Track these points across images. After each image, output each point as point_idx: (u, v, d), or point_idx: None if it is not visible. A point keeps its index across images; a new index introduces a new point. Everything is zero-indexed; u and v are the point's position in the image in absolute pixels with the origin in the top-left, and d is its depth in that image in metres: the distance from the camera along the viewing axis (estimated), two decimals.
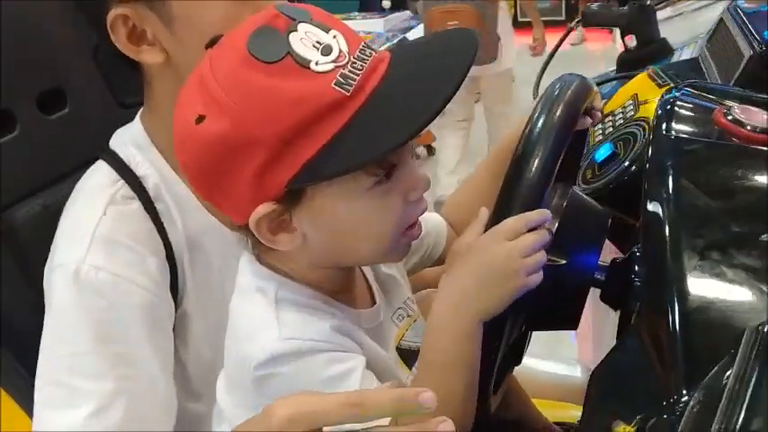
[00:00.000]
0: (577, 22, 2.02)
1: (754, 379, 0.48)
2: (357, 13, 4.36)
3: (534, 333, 0.93)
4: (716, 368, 0.54)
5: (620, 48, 1.89)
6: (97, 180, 0.92)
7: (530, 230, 0.72)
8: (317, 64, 0.64)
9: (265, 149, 0.63)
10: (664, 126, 0.79)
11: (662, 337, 0.61)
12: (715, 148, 0.78)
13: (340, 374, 0.69)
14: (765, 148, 0.75)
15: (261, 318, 0.71)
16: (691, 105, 0.87)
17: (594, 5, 1.96)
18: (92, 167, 0.94)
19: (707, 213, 0.70)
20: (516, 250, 0.70)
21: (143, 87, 0.95)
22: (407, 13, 4.47)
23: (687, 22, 2.34)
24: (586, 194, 1.14)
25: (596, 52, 5.24)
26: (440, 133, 4.02)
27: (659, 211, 0.70)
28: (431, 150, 4.76)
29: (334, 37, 0.66)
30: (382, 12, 4.66)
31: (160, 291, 0.88)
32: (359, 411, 0.52)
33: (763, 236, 0.66)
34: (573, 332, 2.20)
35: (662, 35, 1.81)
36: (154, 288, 0.87)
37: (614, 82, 1.70)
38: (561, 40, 2.12)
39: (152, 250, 0.88)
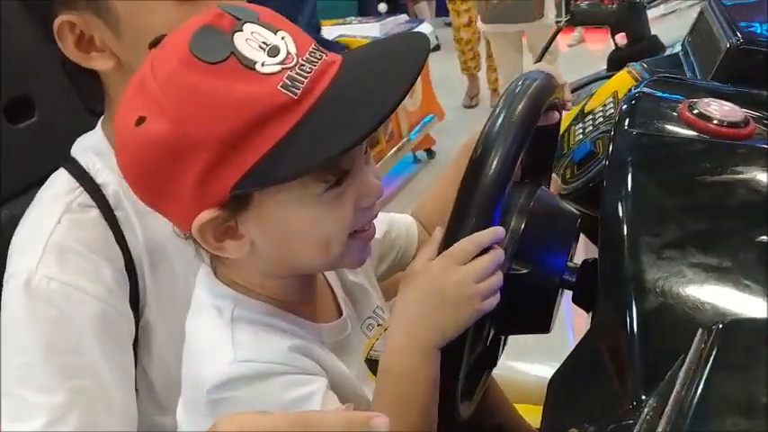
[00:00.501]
0: (566, 20, 2.00)
1: (701, 384, 0.45)
2: (354, 18, 4.35)
3: (533, 337, 0.90)
4: (670, 372, 0.52)
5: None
6: (55, 188, 0.90)
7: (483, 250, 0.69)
8: (262, 65, 0.61)
9: (208, 153, 0.61)
10: (626, 121, 0.77)
11: (619, 339, 0.59)
12: (677, 144, 0.75)
13: (299, 399, 0.66)
14: (730, 142, 0.72)
15: (215, 338, 0.69)
16: (656, 99, 0.84)
17: (584, 4, 1.93)
18: (52, 175, 0.93)
19: (666, 211, 0.67)
20: (469, 275, 0.68)
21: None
22: (404, 16, 4.47)
23: (681, 20, 2.31)
24: (566, 194, 1.12)
25: (596, 53, 5.21)
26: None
27: (617, 208, 0.68)
28: (431, 154, 4.74)
29: (282, 38, 0.64)
30: (378, 16, 4.65)
31: (115, 300, 0.86)
32: None
33: (734, 234, 0.64)
34: (571, 334, 2.18)
35: (656, 33, 1.79)
36: (108, 297, 0.85)
37: (604, 81, 1.68)
38: (551, 39, 2.09)
39: (108, 259, 0.87)
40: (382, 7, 5.05)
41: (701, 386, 0.45)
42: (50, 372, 0.80)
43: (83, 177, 0.90)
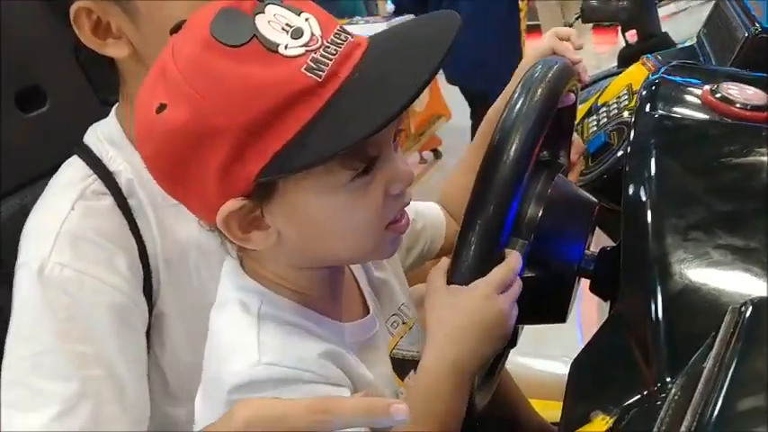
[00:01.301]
0: (576, 17, 1.99)
1: (734, 362, 0.44)
2: (360, 18, 4.32)
3: (543, 332, 0.89)
4: (697, 353, 0.51)
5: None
6: (68, 175, 0.90)
7: None
8: (285, 48, 0.59)
9: (230, 140, 0.59)
10: (648, 106, 0.76)
11: (644, 322, 0.58)
12: (701, 127, 0.74)
13: None
14: (754, 125, 0.71)
15: (240, 337, 0.67)
16: (677, 84, 0.83)
17: (594, 1, 1.92)
18: (65, 162, 0.92)
19: (691, 192, 0.66)
20: (508, 304, 0.70)
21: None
22: (411, 17, 4.45)
23: (693, 17, 2.30)
24: (580, 185, 1.11)
25: (603, 55, 5.21)
26: None
27: (641, 191, 0.67)
28: (437, 154, 4.73)
29: (306, 20, 0.62)
30: (386, 16, 4.63)
31: (129, 290, 0.85)
32: (326, 418, 0.50)
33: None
34: (579, 331, 2.16)
35: (666, 30, 1.77)
36: (122, 286, 0.84)
37: (615, 77, 1.67)
38: None
39: (122, 248, 0.86)
40: (390, 7, 5.02)
41: (734, 363, 0.44)
42: (64, 360, 0.79)
43: (96, 165, 0.89)
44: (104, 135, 0.93)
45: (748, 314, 0.47)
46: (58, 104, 1.07)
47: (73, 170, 0.90)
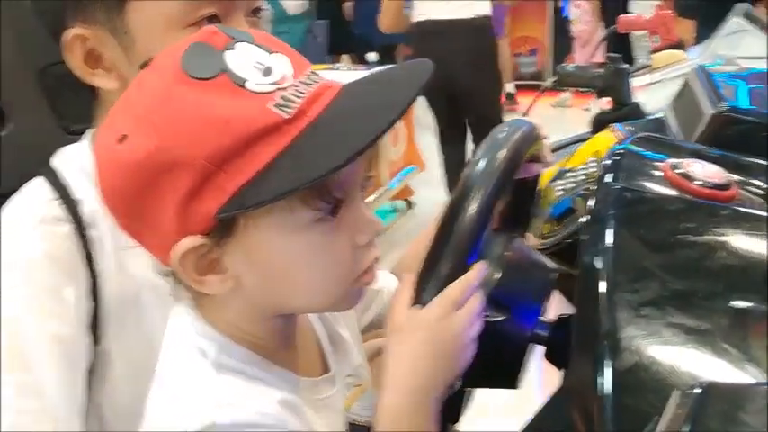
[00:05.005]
0: (553, 82, 2.02)
1: None
2: (343, 65, 4.37)
3: (499, 393, 0.86)
4: None
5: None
6: (30, 197, 0.87)
7: None
8: (255, 84, 0.59)
9: (192, 174, 0.58)
10: (610, 176, 0.76)
11: (590, 398, 0.57)
12: (660, 201, 0.74)
13: None
14: (713, 203, 0.72)
15: (197, 381, 0.64)
16: (641, 157, 0.83)
17: (570, 66, 1.95)
18: (30, 183, 0.89)
19: (646, 267, 0.65)
20: (465, 322, 0.66)
21: (91, 113, 0.91)
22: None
23: (667, 90, 2.34)
24: (543, 249, 1.11)
25: (579, 116, 5.30)
26: None
27: (596, 262, 0.66)
28: (410, 205, 4.74)
29: (278, 59, 0.62)
30: (368, 65, 4.67)
31: (75, 323, 0.82)
32: None
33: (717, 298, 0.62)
34: (539, 393, 2.14)
35: (640, 101, 1.81)
36: (69, 319, 0.81)
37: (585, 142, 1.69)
38: (534, 101, 2.11)
39: (73, 278, 0.83)
40: (372, 57, 5.07)
41: None
42: (4, 388, 0.75)
43: (61, 190, 0.87)
44: (76, 162, 0.90)
45: (695, 400, 0.46)
46: (20, 128, 1.05)
47: (36, 192, 0.87)
